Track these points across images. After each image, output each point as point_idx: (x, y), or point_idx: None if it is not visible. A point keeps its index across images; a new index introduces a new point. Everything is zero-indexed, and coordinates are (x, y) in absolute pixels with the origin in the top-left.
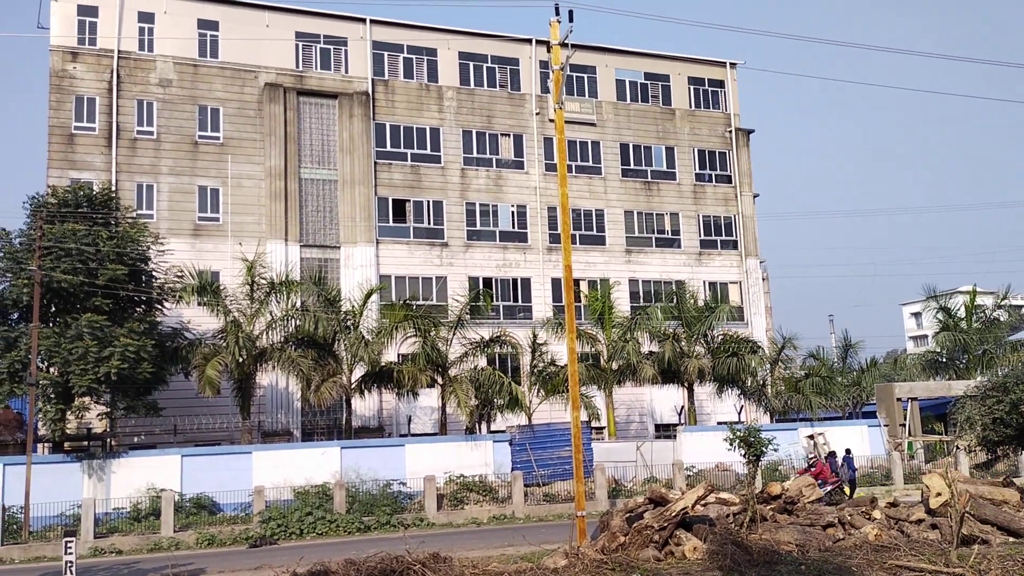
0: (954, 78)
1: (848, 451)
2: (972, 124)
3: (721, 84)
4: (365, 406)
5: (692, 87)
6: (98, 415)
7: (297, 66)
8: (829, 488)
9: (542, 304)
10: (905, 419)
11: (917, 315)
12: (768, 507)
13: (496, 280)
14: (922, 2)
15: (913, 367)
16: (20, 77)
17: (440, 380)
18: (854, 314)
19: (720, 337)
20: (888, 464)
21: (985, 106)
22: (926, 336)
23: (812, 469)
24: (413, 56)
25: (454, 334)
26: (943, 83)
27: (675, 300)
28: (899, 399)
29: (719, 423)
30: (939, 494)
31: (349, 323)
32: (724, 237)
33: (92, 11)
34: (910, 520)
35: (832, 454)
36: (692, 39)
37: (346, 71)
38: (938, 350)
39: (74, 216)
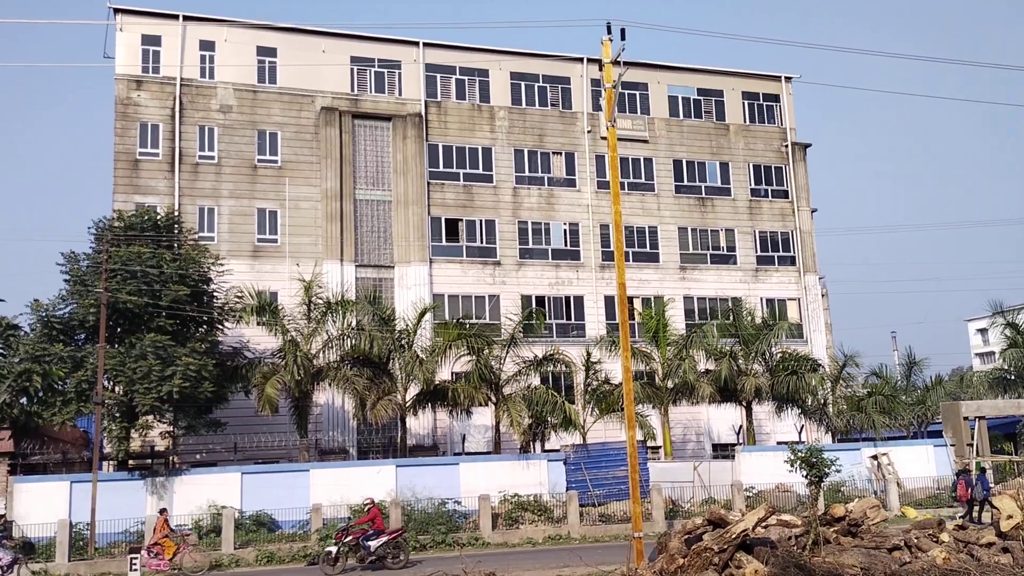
0: (1019, 87)
1: (983, 470)
2: None
3: (776, 98)
4: (419, 424)
5: (746, 102)
6: (161, 433)
7: (352, 90)
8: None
9: (595, 322)
10: (972, 439)
11: (983, 331)
12: (831, 529)
13: (549, 298)
14: (980, 12)
15: (980, 385)
16: (86, 105)
17: (494, 398)
18: (917, 331)
19: (779, 355)
20: None
21: None
22: (993, 353)
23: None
24: (465, 77)
25: (507, 352)
26: (1007, 93)
27: (731, 317)
28: (966, 418)
29: (779, 443)
30: (1010, 516)
31: (403, 342)
32: (781, 253)
33: (156, 40)
34: (980, 543)
35: (965, 471)
36: (746, 53)
37: (400, 94)
38: (1006, 367)
39: (139, 239)
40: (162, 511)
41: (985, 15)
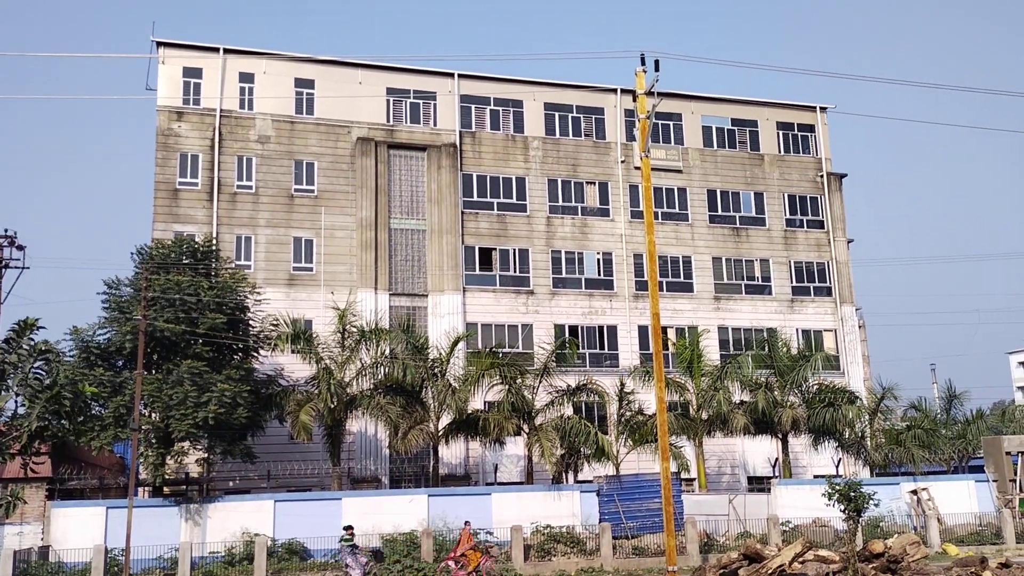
0: None
1: None
2: None
3: (811, 128)
4: (452, 454)
5: (781, 132)
6: (196, 460)
7: (388, 120)
8: None
9: (629, 352)
10: (1015, 474)
11: None
12: (870, 566)
13: (582, 328)
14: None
15: (1022, 419)
16: (129, 136)
17: (526, 428)
18: (957, 363)
19: (815, 387)
20: (998, 522)
21: None
22: None
23: None
24: (500, 108)
25: (540, 382)
26: None
27: (767, 348)
28: (1008, 452)
29: (815, 476)
30: None
31: (436, 371)
32: (817, 283)
33: (197, 73)
34: None
35: None
36: (781, 83)
37: (435, 124)
38: None
39: (178, 267)
40: (466, 523)
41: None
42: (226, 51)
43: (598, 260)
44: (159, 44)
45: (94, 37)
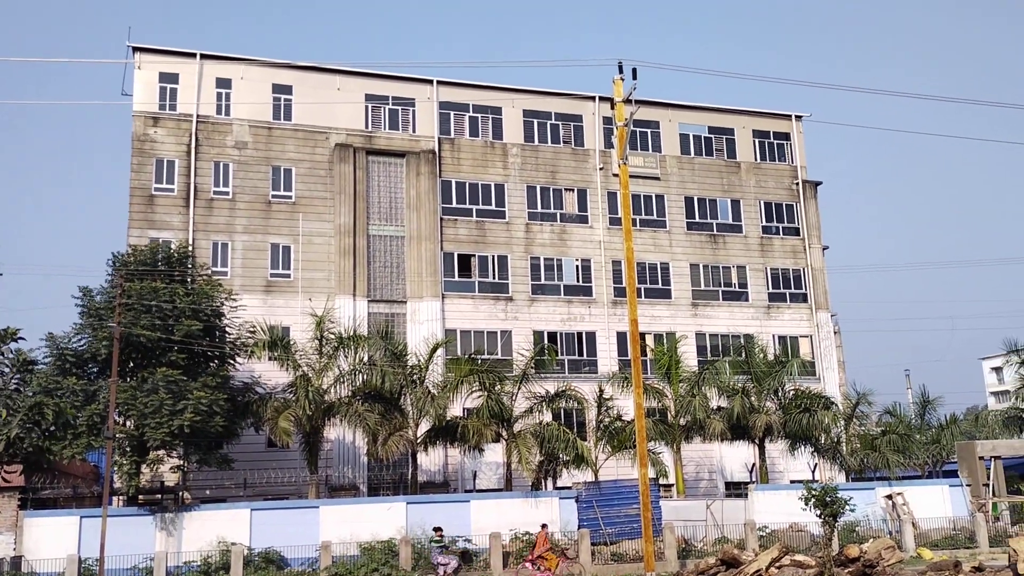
0: None
1: None
2: None
3: (787, 136)
4: (430, 461)
5: (757, 140)
6: (171, 468)
7: (366, 126)
8: None
9: (607, 358)
10: (988, 478)
11: (998, 370)
12: (846, 570)
13: (561, 334)
14: (993, 54)
15: (995, 424)
16: (104, 141)
17: (505, 435)
18: (931, 369)
19: (791, 392)
20: (972, 526)
21: None
22: (1008, 392)
23: None
24: (478, 115)
25: (519, 388)
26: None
27: (743, 354)
28: (981, 457)
29: (792, 481)
30: None
31: (415, 377)
32: (793, 290)
33: (173, 78)
34: None
35: None
36: (757, 92)
37: (413, 130)
38: (1021, 406)
39: (153, 274)
40: (543, 526)
41: (1003, 49)
42: (203, 56)
43: (577, 267)
44: (135, 49)
45: (69, 42)
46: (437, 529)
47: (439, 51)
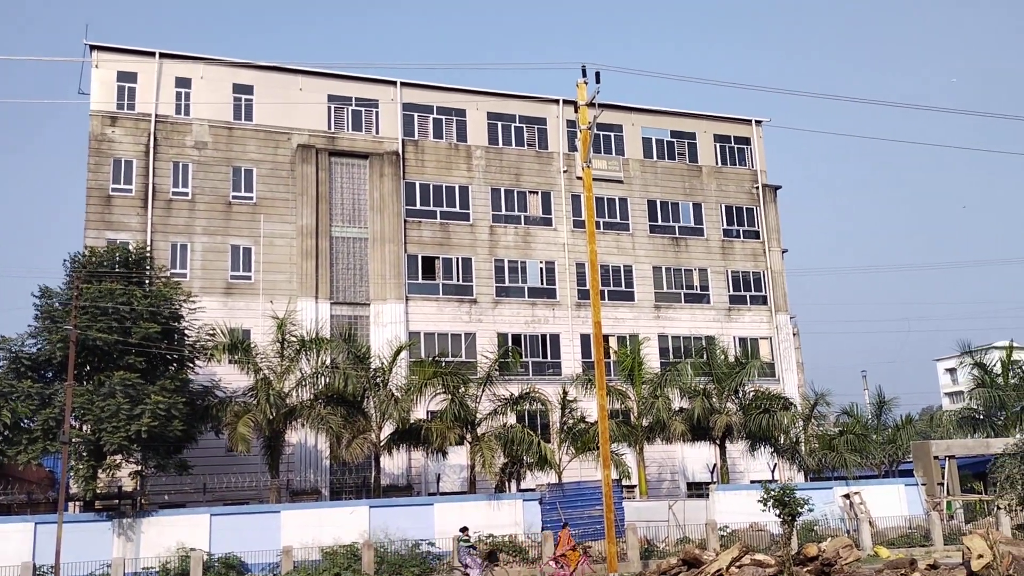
0: (991, 132)
1: None
2: (1007, 179)
3: (747, 141)
4: (394, 464)
5: (718, 144)
6: (129, 473)
7: (329, 127)
8: None
9: (571, 360)
10: (943, 478)
11: (952, 371)
12: (805, 569)
13: (525, 336)
14: (953, 61)
15: (949, 424)
16: (61, 141)
17: (469, 437)
18: (887, 370)
19: (751, 393)
20: (927, 524)
21: (1021, 161)
22: (962, 392)
23: None
24: (443, 117)
25: (483, 391)
26: (978, 138)
27: (705, 356)
28: (936, 457)
29: (752, 481)
30: (981, 556)
31: (378, 380)
32: (753, 292)
33: (131, 77)
34: None
35: None
36: (718, 97)
37: (377, 132)
38: (974, 407)
39: (110, 276)
40: (565, 524)
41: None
42: (162, 55)
43: (541, 269)
44: (93, 48)
45: (27, 38)
46: (464, 529)
47: (403, 53)
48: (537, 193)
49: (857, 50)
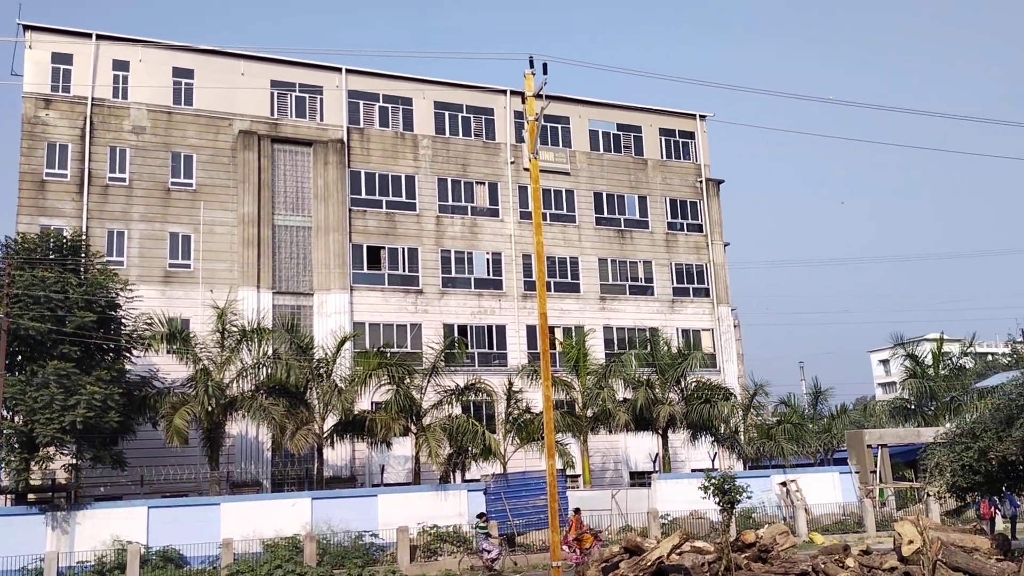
0: (927, 128)
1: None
2: (943, 175)
3: (691, 135)
4: (337, 456)
5: (663, 138)
6: (63, 465)
7: (272, 114)
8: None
9: (517, 351)
10: (876, 466)
11: (885, 362)
12: (743, 555)
13: (471, 327)
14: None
15: (882, 414)
16: None
17: (414, 428)
18: (824, 361)
19: (693, 384)
20: (860, 511)
21: (956, 157)
22: (894, 383)
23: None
24: (389, 105)
25: (428, 382)
26: (913, 134)
27: (649, 347)
28: (869, 446)
29: (693, 470)
30: (911, 541)
31: (322, 371)
32: (696, 285)
33: (67, 59)
34: (883, 568)
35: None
36: (664, 91)
37: (321, 119)
38: (906, 397)
39: (43, 263)
40: (576, 510)
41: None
42: (99, 37)
43: (487, 260)
44: (26, 27)
45: None
46: (481, 515)
47: (349, 39)
48: (484, 184)
49: (804, 47)
